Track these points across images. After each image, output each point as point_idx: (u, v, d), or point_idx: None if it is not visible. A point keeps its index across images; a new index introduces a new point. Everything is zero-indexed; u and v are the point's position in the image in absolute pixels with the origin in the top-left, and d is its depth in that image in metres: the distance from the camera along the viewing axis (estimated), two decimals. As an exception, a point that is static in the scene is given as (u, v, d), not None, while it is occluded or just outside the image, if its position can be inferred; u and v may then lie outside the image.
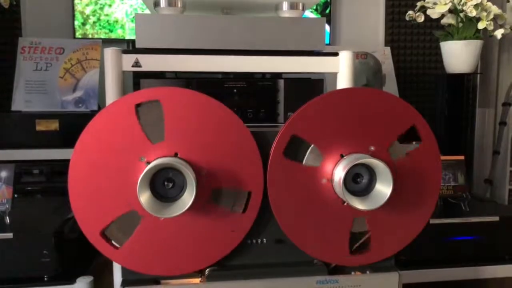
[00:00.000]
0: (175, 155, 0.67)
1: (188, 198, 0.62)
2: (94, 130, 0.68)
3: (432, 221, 1.19)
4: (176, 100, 0.68)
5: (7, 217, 1.10)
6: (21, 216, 1.14)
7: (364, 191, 0.69)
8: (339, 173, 0.68)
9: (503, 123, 1.79)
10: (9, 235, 1.03)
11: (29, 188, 1.46)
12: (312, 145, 0.71)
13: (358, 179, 0.69)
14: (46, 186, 1.46)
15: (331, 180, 0.70)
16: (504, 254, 1.25)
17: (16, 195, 1.41)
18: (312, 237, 0.72)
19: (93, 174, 0.67)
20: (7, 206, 1.12)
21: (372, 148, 0.71)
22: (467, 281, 1.23)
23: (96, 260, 1.16)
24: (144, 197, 0.60)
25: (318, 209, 0.71)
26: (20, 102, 1.51)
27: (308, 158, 0.71)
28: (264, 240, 0.73)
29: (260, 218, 0.71)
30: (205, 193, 0.68)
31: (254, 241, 0.73)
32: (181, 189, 0.64)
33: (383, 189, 0.67)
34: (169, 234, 0.69)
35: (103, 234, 0.69)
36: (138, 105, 0.68)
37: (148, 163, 0.65)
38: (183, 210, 0.61)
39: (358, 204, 0.67)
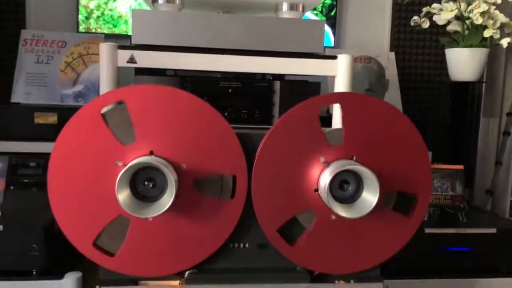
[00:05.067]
0: (150, 153, 0.65)
1: (168, 198, 0.60)
2: (66, 142, 0.66)
3: (427, 231, 1.17)
4: (139, 98, 0.67)
5: (-1, 209, 1.10)
6: (12, 209, 1.14)
7: (350, 198, 0.68)
8: (325, 179, 0.67)
9: (507, 133, 1.76)
10: (-1, 227, 1.02)
11: (25, 180, 1.46)
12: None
13: (345, 186, 0.68)
14: (42, 179, 1.46)
15: (317, 188, 0.69)
16: (500, 267, 1.23)
17: (12, 187, 1.42)
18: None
19: (73, 186, 0.66)
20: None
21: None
22: (462, 293, 1.21)
23: (86, 257, 1.15)
24: (122, 196, 0.59)
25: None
26: (20, 94, 1.51)
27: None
28: (247, 244, 0.72)
29: (243, 222, 0.70)
30: (188, 188, 0.67)
31: (237, 245, 0.72)
32: (162, 189, 0.63)
33: (370, 197, 0.65)
34: (150, 234, 0.68)
35: (95, 244, 0.68)
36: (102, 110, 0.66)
37: (125, 165, 0.64)
38: (163, 210, 0.60)
39: (343, 212, 0.65)
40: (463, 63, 1.61)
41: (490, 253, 1.21)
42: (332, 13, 1.87)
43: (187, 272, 0.70)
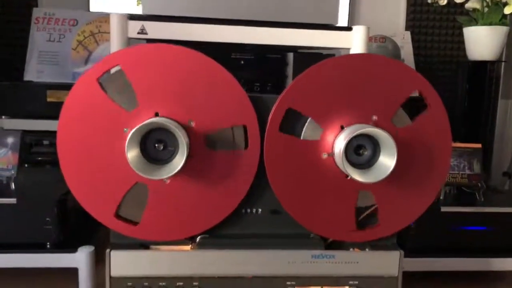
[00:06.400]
0: (156, 115, 0.63)
1: (179, 159, 0.59)
2: (69, 115, 0.64)
3: (443, 209, 1.14)
4: (135, 60, 0.64)
5: (12, 183, 1.10)
6: (26, 183, 1.14)
7: (366, 164, 0.65)
8: (339, 144, 0.65)
9: (526, 115, 1.72)
10: (13, 200, 1.03)
11: (38, 158, 1.47)
12: (309, 118, 0.67)
13: (361, 151, 0.66)
14: (55, 157, 1.46)
15: (331, 153, 0.67)
16: (517, 247, 1.20)
17: (26, 165, 1.42)
18: (314, 212, 0.69)
19: (84, 159, 0.65)
20: (13, 172, 1.13)
21: (375, 117, 0.67)
22: (477, 272, 1.19)
23: (99, 231, 1.15)
24: (133, 158, 0.58)
25: (319, 184, 0.68)
26: (32, 72, 1.51)
27: (306, 132, 0.68)
28: (259, 210, 0.71)
29: (255, 187, 0.68)
30: (199, 148, 0.65)
31: (249, 210, 0.70)
32: (174, 151, 0.62)
33: (387, 161, 0.63)
34: (167, 199, 0.66)
35: (118, 215, 0.67)
36: (100, 78, 0.65)
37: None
38: (175, 171, 0.59)
39: (359, 177, 0.63)
40: (481, 42, 1.56)
41: (507, 232, 1.18)
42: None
43: (198, 237, 0.69)
